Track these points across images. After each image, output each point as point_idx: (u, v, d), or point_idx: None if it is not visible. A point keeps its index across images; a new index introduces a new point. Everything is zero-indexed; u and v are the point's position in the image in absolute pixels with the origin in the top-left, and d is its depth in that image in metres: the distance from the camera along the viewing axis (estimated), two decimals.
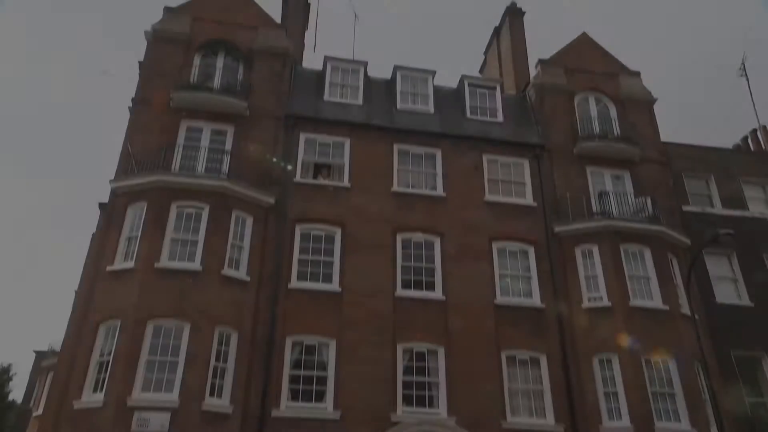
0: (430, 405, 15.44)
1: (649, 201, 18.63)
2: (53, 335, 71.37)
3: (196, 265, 15.11)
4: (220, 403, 14.11)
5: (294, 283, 16.22)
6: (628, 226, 17.82)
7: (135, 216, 15.85)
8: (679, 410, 15.66)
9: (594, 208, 18.68)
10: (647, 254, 17.62)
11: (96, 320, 14.69)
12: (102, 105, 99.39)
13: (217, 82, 18.58)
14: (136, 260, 15.05)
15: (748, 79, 25.65)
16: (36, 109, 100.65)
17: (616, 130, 20.56)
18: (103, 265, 15.38)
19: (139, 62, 19.33)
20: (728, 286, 19.16)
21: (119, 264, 15.25)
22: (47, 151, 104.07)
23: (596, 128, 20.40)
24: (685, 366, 16.12)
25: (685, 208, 20.01)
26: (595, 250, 17.61)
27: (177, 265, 15.06)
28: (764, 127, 24.36)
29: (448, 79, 34.53)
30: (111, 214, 16.12)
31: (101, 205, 18.09)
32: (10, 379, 49.98)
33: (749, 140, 24.52)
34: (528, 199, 18.87)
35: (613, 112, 21.25)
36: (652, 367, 16.05)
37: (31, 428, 29.38)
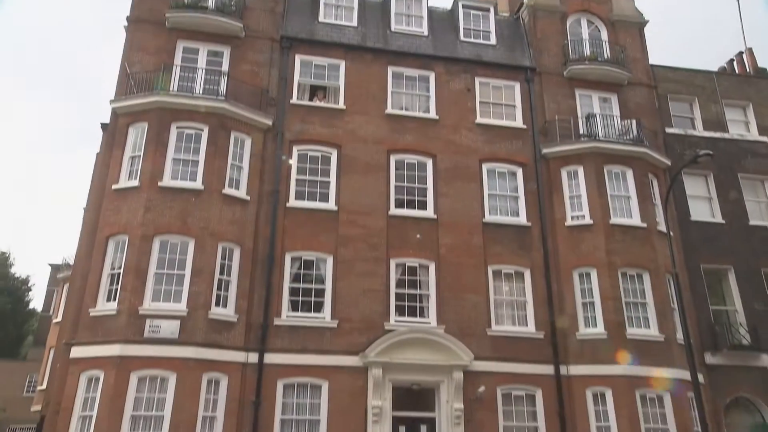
0: (421, 315, 15.84)
1: (634, 123, 18.40)
2: (67, 250, 72.38)
3: (197, 184, 15.00)
4: (225, 312, 14.42)
5: (292, 202, 16.18)
6: (613, 147, 17.68)
7: (137, 136, 15.54)
8: (649, 318, 16.18)
9: (581, 130, 18.45)
10: (629, 175, 17.60)
11: (105, 235, 14.74)
12: (101, 23, 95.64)
13: (211, 1, 17.70)
14: (140, 179, 14.92)
15: (738, 1, 24.74)
16: (34, 30, 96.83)
17: (606, 53, 19.98)
18: (109, 184, 15.27)
19: None
20: (703, 205, 19.32)
21: (124, 183, 15.12)
22: (53, 73, 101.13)
23: (586, 51, 19.81)
24: (657, 278, 16.51)
25: (668, 130, 19.80)
26: (580, 170, 17.56)
27: (179, 184, 14.95)
28: (750, 50, 23.69)
29: (442, 1, 33.11)
30: (113, 134, 15.81)
31: (104, 126, 17.74)
32: (30, 289, 51.19)
33: (734, 63, 23.92)
34: (518, 122, 18.57)
35: (603, 34, 20.56)
36: (627, 279, 16.43)
37: (52, 333, 30.28)
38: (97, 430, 12.74)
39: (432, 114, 18.07)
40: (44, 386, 27.02)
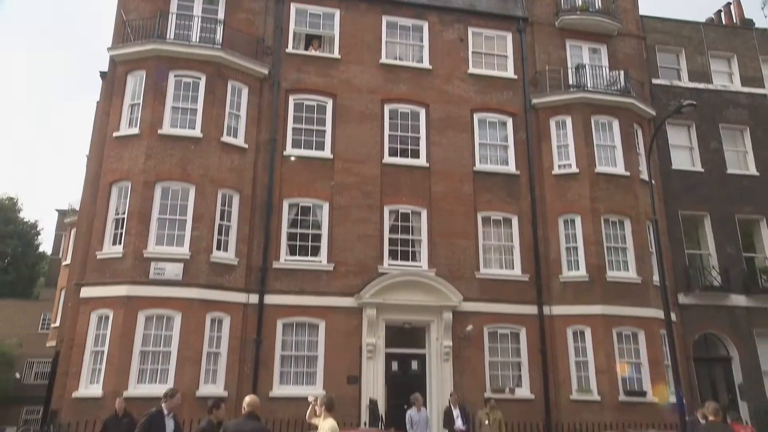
0: (413, 259, 15.98)
1: (622, 74, 18.08)
2: (72, 196, 71.98)
3: (196, 132, 14.76)
4: (226, 256, 14.48)
5: (289, 150, 16.00)
6: (601, 98, 17.44)
7: (135, 84, 15.14)
8: (628, 262, 16.40)
9: (570, 81, 18.13)
10: (615, 125, 17.45)
11: (108, 181, 14.60)
12: None
13: None
14: (140, 127, 14.66)
15: None
16: None
17: (598, 3, 19.45)
18: (110, 132, 15.02)
19: None
20: (684, 154, 19.28)
21: (124, 130, 14.85)
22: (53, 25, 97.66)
23: (578, 1, 19.24)
24: (638, 224, 16.64)
25: (655, 81, 19.50)
26: (569, 120, 17.38)
27: (178, 132, 14.70)
28: (737, 1, 23.05)
29: None
30: (112, 82, 15.40)
31: (103, 74, 17.27)
32: (39, 233, 51.20)
33: (722, 14, 23.32)
34: (509, 72, 18.20)
35: None
36: (609, 225, 16.55)
37: (62, 275, 30.46)
38: (109, 363, 13.01)
39: (425, 64, 17.66)
40: (57, 324, 27.41)
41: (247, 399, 5.88)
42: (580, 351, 15.59)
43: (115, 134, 14.87)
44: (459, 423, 12.54)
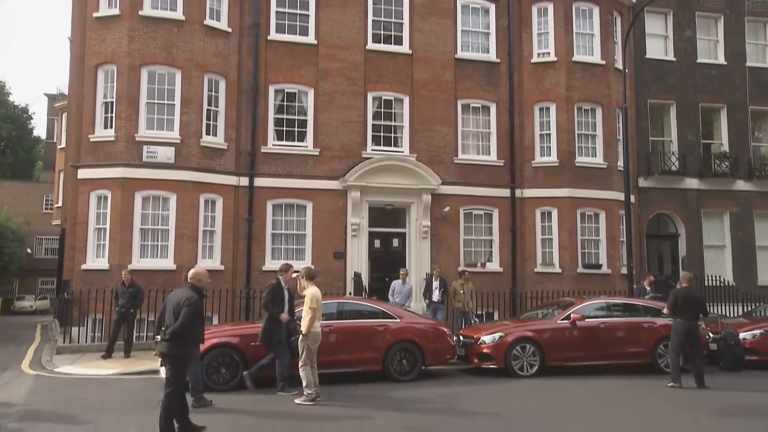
0: (395, 145, 15.72)
1: None
2: (59, 79, 68.19)
3: (178, 14, 13.65)
4: (215, 140, 14.08)
5: (273, 35, 14.98)
6: None
7: None
8: (597, 148, 16.38)
9: None
10: (595, 12, 16.55)
11: (93, 64, 13.71)
12: None
13: None
14: (120, 7, 13.51)
15: None
16: None
17: None
18: (89, 12, 13.85)
19: None
20: (659, 43, 18.59)
21: (104, 11, 13.72)
22: None
23: None
24: (608, 113, 16.41)
25: None
26: (550, 7, 16.38)
27: (160, 13, 13.59)
28: None
29: None
30: None
31: None
32: (31, 117, 49.26)
33: None
34: None
35: None
36: (582, 113, 16.29)
37: (59, 158, 29.77)
38: (112, 240, 13.06)
39: None
40: (60, 204, 27.26)
41: (190, 272, 5.86)
42: (547, 229, 16.02)
43: (95, 14, 13.74)
44: (437, 294, 13.12)
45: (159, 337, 5.76)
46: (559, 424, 6.57)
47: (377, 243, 15.45)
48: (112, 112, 13.48)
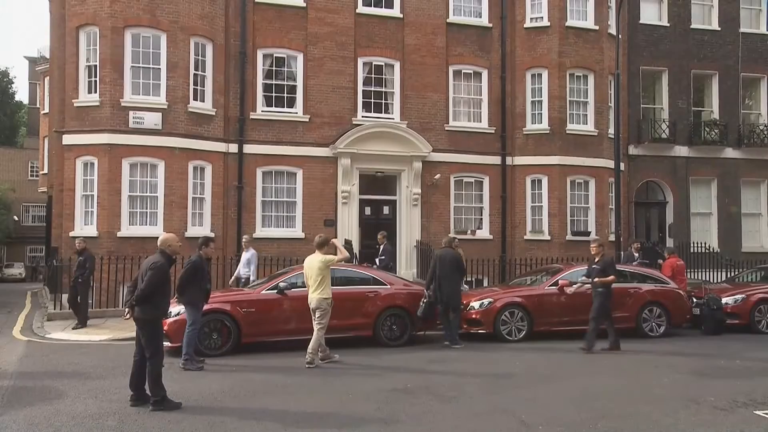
0: (386, 111, 15.55)
1: None
2: (39, 42, 66.22)
3: None
4: (203, 106, 13.84)
5: None
6: None
7: None
8: (588, 116, 16.32)
9: None
10: None
11: (74, 26, 13.31)
12: None
13: None
14: None
15: None
16: None
17: None
18: None
19: None
20: (653, 8, 18.35)
21: None
22: None
23: None
24: (601, 79, 16.29)
25: None
26: None
27: None
28: None
29: None
30: None
31: None
32: (12, 82, 47.95)
33: None
34: None
35: None
36: (574, 80, 16.16)
37: (43, 124, 29.15)
38: (100, 206, 12.94)
39: None
40: (46, 171, 26.83)
41: (160, 237, 5.96)
42: (536, 197, 16.09)
43: None
44: None
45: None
46: (547, 386, 6.74)
47: (368, 210, 15.45)
48: (96, 76, 13.15)
